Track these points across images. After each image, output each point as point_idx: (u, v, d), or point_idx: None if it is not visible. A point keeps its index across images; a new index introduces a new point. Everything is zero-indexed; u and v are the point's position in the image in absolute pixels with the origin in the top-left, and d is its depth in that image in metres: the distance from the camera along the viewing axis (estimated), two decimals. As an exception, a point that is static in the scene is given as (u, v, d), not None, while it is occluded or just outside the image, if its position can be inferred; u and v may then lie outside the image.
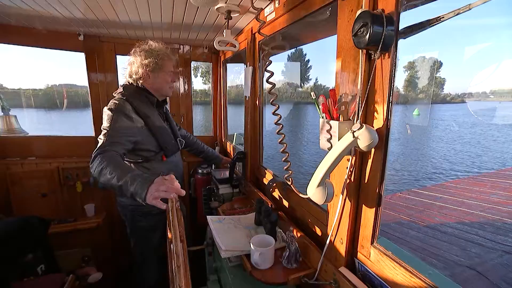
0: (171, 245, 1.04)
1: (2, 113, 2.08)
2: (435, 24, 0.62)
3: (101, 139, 1.22)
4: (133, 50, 1.45)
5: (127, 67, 1.46)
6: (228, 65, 2.45)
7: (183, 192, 0.93)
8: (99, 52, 2.06)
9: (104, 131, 1.24)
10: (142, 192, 0.91)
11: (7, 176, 1.93)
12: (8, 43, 1.83)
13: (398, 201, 3.93)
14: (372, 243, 0.80)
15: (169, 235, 1.07)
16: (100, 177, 1.07)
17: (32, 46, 1.91)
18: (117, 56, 2.13)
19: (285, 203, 1.33)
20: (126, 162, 1.29)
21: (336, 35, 0.84)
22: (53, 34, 1.90)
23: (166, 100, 1.61)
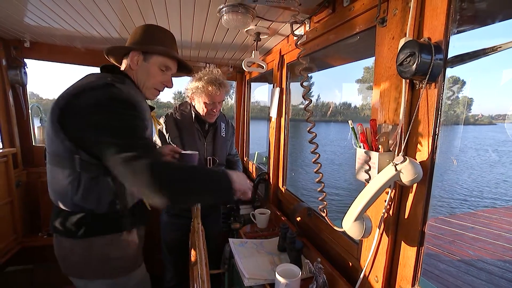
0: (194, 268, 1.02)
1: (40, 124, 2.20)
2: (490, 54, 0.58)
3: None
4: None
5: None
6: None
7: None
8: (131, 70, 2.17)
9: None
10: None
11: (39, 184, 2.01)
12: (53, 61, 1.99)
13: (425, 229, 3.66)
14: (413, 285, 0.73)
15: (193, 257, 1.05)
16: None
17: (72, 64, 2.05)
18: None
19: (310, 229, 1.27)
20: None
21: (366, 59, 0.82)
22: (90, 53, 2.03)
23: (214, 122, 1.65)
